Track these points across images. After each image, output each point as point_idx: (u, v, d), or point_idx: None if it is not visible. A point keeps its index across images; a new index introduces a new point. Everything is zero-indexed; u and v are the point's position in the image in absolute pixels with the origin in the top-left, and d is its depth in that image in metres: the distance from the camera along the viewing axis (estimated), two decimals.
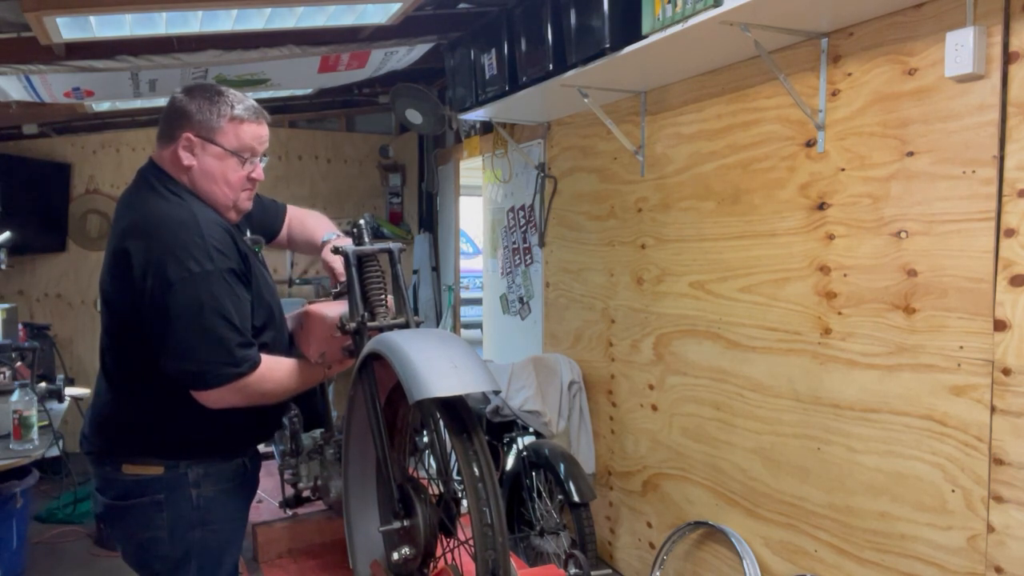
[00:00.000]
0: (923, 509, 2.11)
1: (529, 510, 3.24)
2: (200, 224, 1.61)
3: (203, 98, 1.67)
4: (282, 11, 2.82)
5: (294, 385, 1.73)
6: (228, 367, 1.58)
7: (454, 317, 5.43)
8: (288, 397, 1.77)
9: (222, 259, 1.60)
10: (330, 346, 1.73)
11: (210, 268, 1.57)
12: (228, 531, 1.76)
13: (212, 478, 1.72)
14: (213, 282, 1.57)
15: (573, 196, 3.71)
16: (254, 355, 1.62)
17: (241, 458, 1.79)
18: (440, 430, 1.43)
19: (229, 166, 1.70)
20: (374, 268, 1.76)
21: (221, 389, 1.59)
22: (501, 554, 1.30)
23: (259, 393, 1.65)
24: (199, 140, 1.66)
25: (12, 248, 4.40)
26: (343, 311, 1.70)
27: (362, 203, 6.14)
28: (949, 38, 1.95)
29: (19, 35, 2.89)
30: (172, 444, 1.69)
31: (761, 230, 2.60)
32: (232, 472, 1.76)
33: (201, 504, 1.70)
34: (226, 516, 1.75)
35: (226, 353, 1.57)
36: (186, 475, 1.69)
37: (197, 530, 1.70)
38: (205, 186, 1.70)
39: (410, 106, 4.42)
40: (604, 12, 2.59)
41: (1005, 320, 1.89)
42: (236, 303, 1.61)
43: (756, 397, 2.65)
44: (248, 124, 1.71)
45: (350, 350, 1.70)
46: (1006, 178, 1.89)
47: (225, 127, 1.67)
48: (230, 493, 1.76)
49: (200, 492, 1.70)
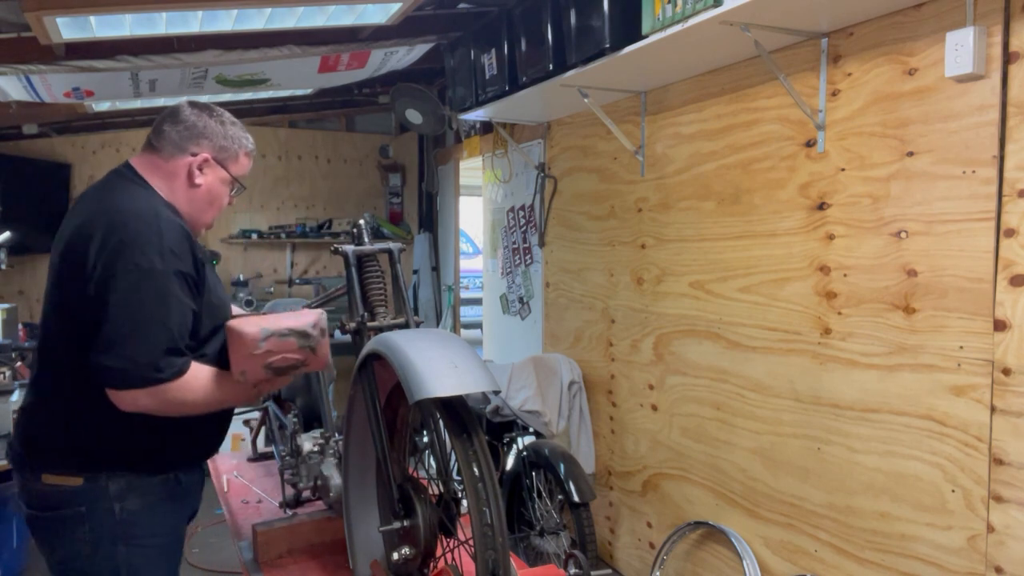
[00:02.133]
0: (923, 509, 2.11)
1: (529, 510, 3.24)
2: (160, 221, 1.59)
3: (218, 122, 1.74)
4: (282, 11, 2.82)
5: (216, 400, 1.64)
6: (151, 369, 1.52)
7: (454, 317, 5.43)
8: (212, 411, 1.68)
9: (174, 260, 1.56)
10: (249, 364, 1.59)
11: (160, 267, 1.54)
12: (157, 548, 1.69)
13: (137, 491, 1.65)
14: (158, 281, 1.54)
15: (573, 196, 3.71)
16: (180, 363, 1.56)
17: (171, 473, 1.71)
18: (440, 430, 1.43)
19: (225, 192, 1.78)
20: (374, 268, 1.76)
21: (137, 391, 1.53)
22: (501, 554, 1.30)
23: (177, 402, 1.57)
24: (214, 161, 1.72)
25: (12, 248, 4.41)
26: (265, 326, 1.58)
27: (362, 203, 6.14)
28: (949, 38, 1.95)
29: (19, 35, 2.90)
30: (92, 454, 1.63)
31: (761, 230, 2.60)
32: (159, 486, 1.68)
33: (125, 518, 1.63)
34: (153, 532, 1.68)
35: (153, 355, 1.52)
36: (107, 488, 1.62)
37: (121, 546, 1.63)
38: (198, 204, 1.73)
39: (410, 106, 4.42)
40: (604, 12, 2.59)
41: (1005, 320, 1.90)
42: (177, 307, 1.56)
43: (756, 397, 2.65)
44: (250, 159, 1.82)
45: (275, 368, 1.60)
46: (1006, 178, 1.89)
47: (240, 156, 1.78)
48: (157, 508, 1.68)
49: (124, 506, 1.64)
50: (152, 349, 1.52)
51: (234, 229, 5.71)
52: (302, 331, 1.60)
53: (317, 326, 1.62)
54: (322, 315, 1.65)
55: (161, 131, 1.71)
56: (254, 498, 2.30)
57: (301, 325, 1.60)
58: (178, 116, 1.71)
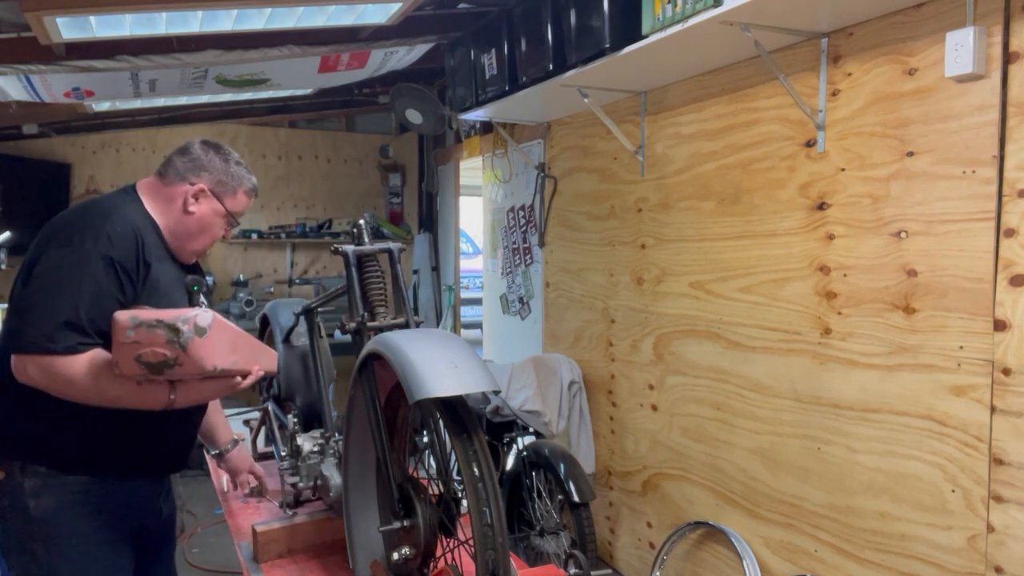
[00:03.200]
0: (923, 509, 2.11)
1: (529, 510, 3.24)
2: (111, 212, 1.65)
3: (223, 160, 1.82)
4: (282, 11, 2.82)
5: (109, 394, 1.58)
6: (43, 337, 1.52)
7: (454, 317, 5.44)
8: (114, 407, 1.61)
9: (106, 245, 1.58)
10: (120, 355, 1.51)
11: (89, 247, 1.57)
12: (78, 553, 1.66)
13: (52, 491, 1.63)
14: (81, 259, 1.56)
15: (573, 196, 3.71)
16: (76, 340, 1.54)
17: (94, 476, 1.68)
18: (440, 430, 1.43)
19: (218, 224, 1.83)
20: (374, 268, 1.76)
21: (26, 358, 1.53)
22: (501, 554, 1.30)
23: (63, 380, 1.54)
24: (210, 193, 1.79)
25: (12, 248, 4.41)
26: (136, 314, 1.51)
27: (362, 203, 6.14)
28: (949, 38, 1.95)
29: (19, 35, 2.90)
30: (8, 447, 1.64)
31: (761, 230, 2.60)
32: (77, 487, 1.66)
33: (39, 516, 1.63)
34: (73, 534, 1.65)
35: (49, 324, 1.52)
36: (22, 484, 1.63)
37: (39, 544, 1.63)
38: (188, 230, 1.78)
39: (410, 106, 4.42)
40: (604, 12, 2.59)
41: (1005, 320, 1.90)
42: (92, 287, 1.56)
43: (756, 397, 2.65)
44: (249, 198, 1.88)
45: (145, 363, 1.50)
46: (1006, 178, 1.89)
47: (237, 194, 1.84)
48: (76, 511, 1.65)
49: (38, 504, 1.63)
50: (51, 318, 1.53)
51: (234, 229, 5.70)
52: (171, 324, 1.48)
53: (190, 322, 1.49)
54: (204, 314, 1.53)
55: (170, 161, 1.82)
56: (254, 498, 2.30)
57: (171, 318, 1.49)
58: (187, 150, 1.81)
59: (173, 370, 1.52)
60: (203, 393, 1.69)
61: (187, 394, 1.65)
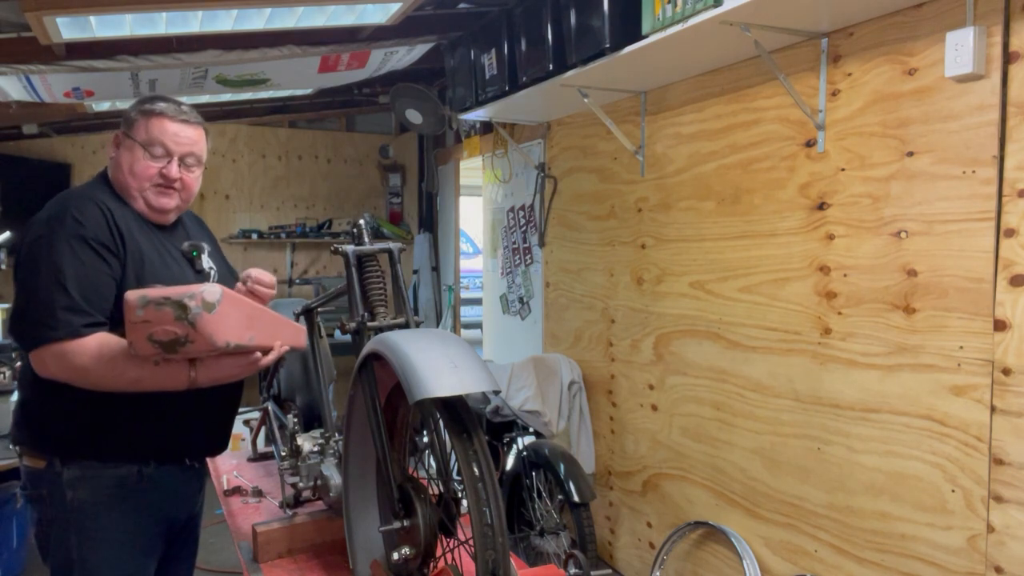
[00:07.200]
0: (923, 509, 2.11)
1: (529, 510, 3.24)
2: (70, 196, 1.68)
3: (139, 100, 1.80)
4: (282, 11, 2.82)
5: (128, 376, 1.57)
6: (45, 328, 1.53)
7: (454, 317, 5.43)
8: (135, 390, 1.61)
9: (75, 226, 1.60)
10: (133, 335, 1.49)
11: (58, 231, 1.59)
12: (109, 544, 1.67)
13: (89, 483, 1.65)
14: (56, 244, 1.58)
15: (573, 196, 3.71)
16: (78, 323, 1.54)
17: (128, 467, 1.68)
18: (440, 430, 1.43)
19: (136, 156, 1.74)
20: (374, 268, 1.76)
21: (40, 351, 1.54)
22: (501, 554, 1.30)
23: (79, 367, 1.54)
24: (122, 134, 1.78)
25: (12, 248, 4.41)
26: (145, 293, 1.49)
27: (362, 203, 6.14)
28: (949, 38, 1.95)
29: (19, 35, 2.90)
30: (51, 437, 1.66)
31: (761, 230, 2.60)
32: (112, 481, 1.67)
33: (75, 507, 1.64)
34: (104, 526, 1.66)
35: (47, 313, 1.53)
36: (60, 475, 1.64)
37: (73, 536, 1.64)
38: (115, 174, 1.77)
39: (410, 106, 4.42)
40: (604, 12, 2.59)
41: (1005, 320, 1.89)
42: (75, 268, 1.56)
43: (756, 397, 2.65)
44: (164, 121, 1.75)
45: (158, 341, 1.48)
46: (1006, 178, 1.89)
47: (139, 120, 1.75)
48: (110, 506, 1.66)
49: (75, 495, 1.64)
50: (46, 307, 1.55)
51: (234, 229, 5.71)
52: (178, 301, 1.46)
53: (197, 298, 1.46)
54: (212, 288, 1.49)
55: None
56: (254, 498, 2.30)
57: (178, 295, 1.47)
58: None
59: (186, 348, 1.49)
60: (224, 371, 1.66)
61: (207, 372, 1.63)
